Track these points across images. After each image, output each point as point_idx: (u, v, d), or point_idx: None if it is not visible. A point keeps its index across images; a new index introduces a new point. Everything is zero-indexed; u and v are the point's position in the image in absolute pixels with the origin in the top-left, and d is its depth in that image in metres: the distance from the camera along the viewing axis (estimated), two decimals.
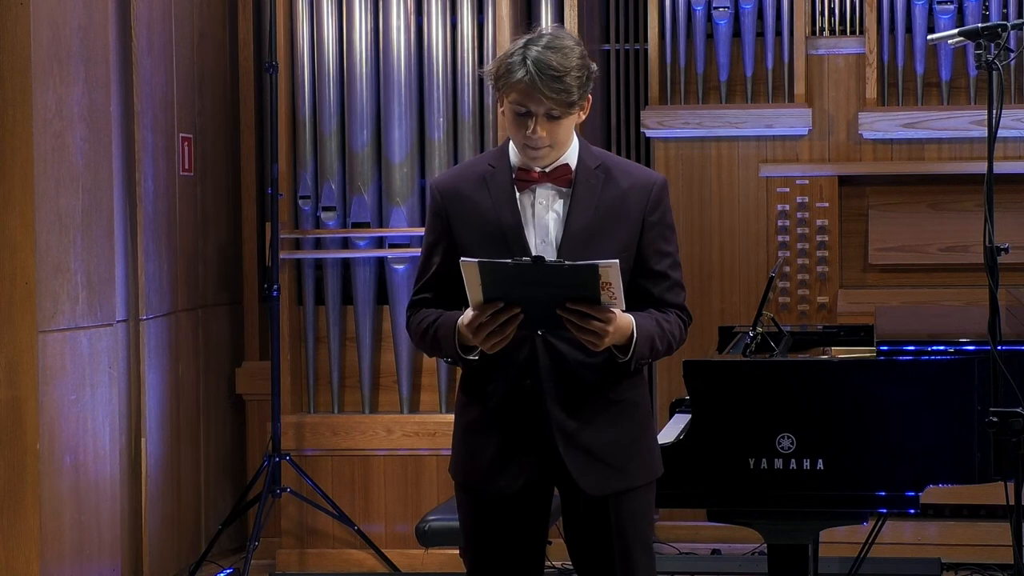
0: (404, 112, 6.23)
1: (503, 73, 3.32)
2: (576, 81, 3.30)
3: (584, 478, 3.38)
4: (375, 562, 6.25)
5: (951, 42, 3.91)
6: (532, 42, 3.33)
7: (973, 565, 6.03)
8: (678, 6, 6.54)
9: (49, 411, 5.02)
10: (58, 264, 5.08)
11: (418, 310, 3.48)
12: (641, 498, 3.46)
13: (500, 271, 3.18)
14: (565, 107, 3.31)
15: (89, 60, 5.26)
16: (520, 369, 3.38)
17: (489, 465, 3.41)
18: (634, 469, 3.44)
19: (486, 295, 3.22)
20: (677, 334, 3.45)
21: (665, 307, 3.44)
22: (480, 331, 3.26)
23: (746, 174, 6.55)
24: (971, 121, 6.33)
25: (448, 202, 3.44)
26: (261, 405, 6.54)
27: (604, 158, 3.47)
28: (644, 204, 3.42)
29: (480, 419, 3.44)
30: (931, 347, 4.20)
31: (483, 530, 3.49)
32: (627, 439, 3.43)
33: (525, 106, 3.31)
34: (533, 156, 3.37)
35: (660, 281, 3.44)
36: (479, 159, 3.54)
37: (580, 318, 3.21)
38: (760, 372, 4.18)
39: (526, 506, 3.45)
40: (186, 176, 6.27)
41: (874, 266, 6.49)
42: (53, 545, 5.05)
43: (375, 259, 6.32)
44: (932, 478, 4.09)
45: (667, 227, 3.46)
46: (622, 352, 3.33)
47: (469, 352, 3.36)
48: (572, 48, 3.33)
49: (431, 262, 3.47)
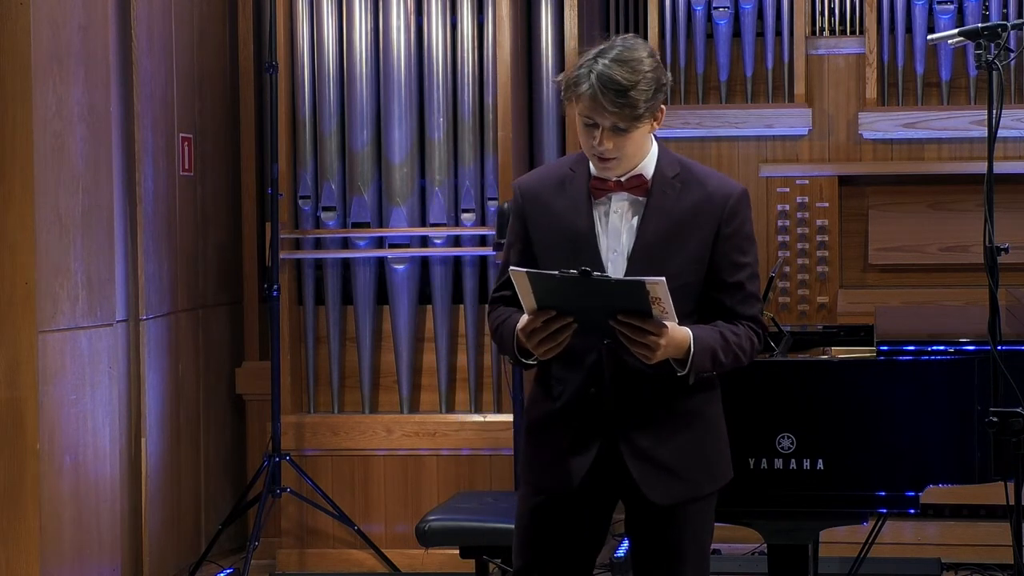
0: (404, 112, 6.23)
1: (571, 85, 3.31)
2: (643, 95, 3.27)
3: (650, 488, 3.38)
4: (375, 562, 6.24)
5: (951, 42, 3.91)
6: (602, 53, 3.31)
7: (973, 565, 6.03)
8: (678, 6, 6.54)
9: (49, 411, 5.02)
10: (58, 264, 5.08)
11: (496, 307, 3.51)
12: (705, 507, 3.48)
13: (547, 282, 3.21)
14: (630, 121, 3.29)
15: (89, 60, 5.26)
16: (586, 376, 3.40)
17: (549, 461, 3.43)
18: (699, 478, 3.44)
19: (539, 303, 3.25)
20: (747, 347, 3.43)
21: (736, 319, 3.42)
22: (533, 337, 3.29)
23: (746, 174, 6.55)
24: (971, 121, 6.32)
25: (528, 203, 3.46)
26: (261, 405, 6.53)
27: (684, 166, 3.44)
28: (720, 215, 3.39)
29: (546, 417, 3.47)
30: (931, 347, 4.19)
31: (540, 526, 3.48)
32: (692, 447, 3.43)
33: (591, 118, 3.31)
34: (602, 167, 3.37)
35: (733, 293, 3.42)
36: (563, 162, 3.54)
37: (631, 331, 3.22)
38: (760, 372, 4.17)
39: (584, 509, 3.46)
40: (186, 176, 6.27)
41: (874, 266, 6.48)
42: (53, 545, 5.05)
43: (375, 259, 6.32)
44: (932, 478, 4.09)
45: (744, 238, 3.43)
46: (680, 365, 3.32)
47: (528, 356, 3.39)
48: (642, 60, 3.29)
49: (509, 260, 3.49)
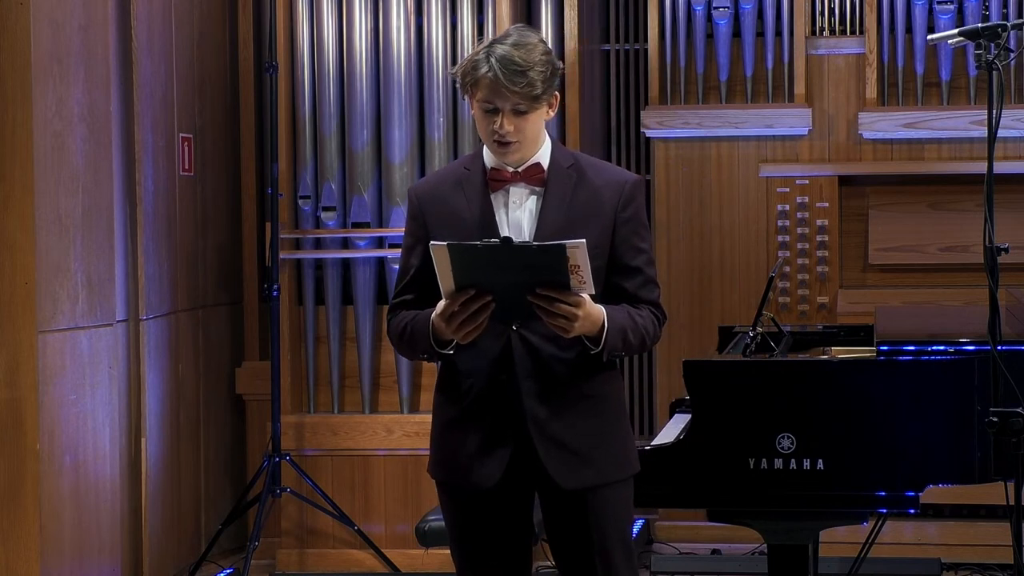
0: (404, 112, 6.23)
1: (469, 71, 3.39)
2: (540, 75, 3.36)
3: (557, 471, 3.41)
4: (375, 562, 6.25)
5: (951, 42, 3.91)
6: (497, 41, 3.40)
7: (973, 565, 6.03)
8: (678, 6, 6.54)
9: (49, 411, 5.02)
10: (58, 264, 5.08)
11: (398, 312, 3.53)
12: (617, 494, 3.49)
13: (469, 253, 3.22)
14: (530, 100, 3.36)
15: (89, 60, 5.26)
16: (495, 364, 3.41)
17: (467, 460, 3.44)
18: (606, 463, 3.46)
19: (458, 282, 3.26)
20: (651, 330, 3.47)
21: (639, 303, 3.47)
22: (453, 320, 3.30)
23: (746, 174, 6.55)
24: (971, 121, 6.32)
25: (425, 205, 3.51)
26: (261, 405, 6.53)
27: (577, 157, 3.53)
28: (616, 201, 3.46)
29: (457, 416, 3.48)
30: (931, 347, 4.20)
31: (467, 527, 3.52)
32: (599, 432, 3.46)
33: (492, 102, 3.37)
34: (502, 152, 3.42)
35: (634, 277, 3.47)
36: (455, 164, 3.61)
37: (549, 303, 3.25)
38: (760, 372, 4.18)
39: (507, 502, 3.48)
40: (186, 176, 6.27)
41: (874, 266, 6.48)
42: (53, 545, 5.05)
43: (375, 259, 6.32)
44: (932, 478, 4.09)
45: (640, 224, 3.50)
46: (594, 343, 3.36)
47: (444, 347, 3.41)
48: (536, 45, 3.39)
49: (410, 264, 3.53)
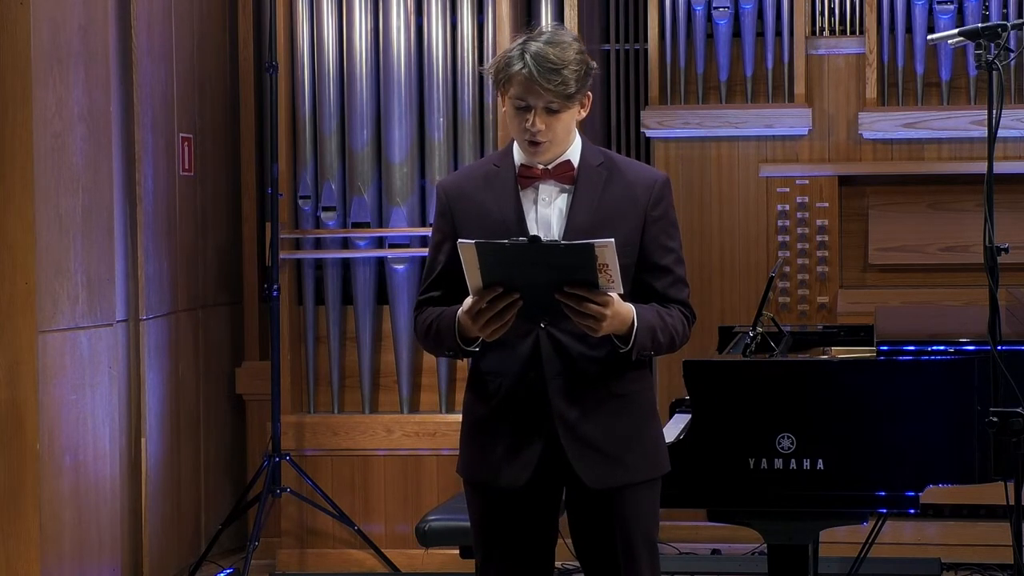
0: (404, 112, 6.23)
1: (502, 67, 3.37)
2: (574, 74, 3.34)
3: (585, 470, 3.38)
4: (375, 562, 6.25)
5: (951, 42, 3.91)
6: (531, 38, 3.38)
7: (973, 565, 6.03)
8: (678, 6, 6.54)
9: (49, 411, 5.02)
10: (58, 264, 5.08)
11: (424, 309, 3.50)
12: (644, 494, 3.46)
13: (497, 251, 3.19)
14: (563, 99, 3.34)
15: (89, 60, 5.26)
16: (524, 363, 3.39)
17: (497, 460, 3.42)
18: (636, 463, 3.43)
19: (485, 280, 3.23)
20: (680, 329, 3.45)
21: (668, 303, 3.45)
22: (479, 317, 3.27)
23: (746, 174, 6.55)
24: (971, 121, 6.32)
25: (453, 201, 3.48)
26: (261, 405, 6.53)
27: (607, 156, 3.51)
28: (647, 200, 3.46)
29: (486, 415, 3.45)
30: (931, 347, 4.20)
31: (493, 526, 3.49)
32: (628, 432, 3.43)
33: (524, 100, 3.35)
34: (533, 151, 3.40)
35: (663, 276, 3.46)
36: (485, 160, 3.59)
37: (578, 302, 3.22)
38: (760, 372, 4.18)
39: (534, 501, 3.45)
40: (186, 176, 6.27)
41: (874, 266, 6.48)
42: (53, 545, 5.05)
43: (375, 259, 6.32)
44: (932, 478, 4.09)
45: (670, 223, 3.49)
46: (623, 342, 3.34)
47: (470, 344, 3.38)
48: (570, 44, 3.37)
49: (437, 260, 3.50)
